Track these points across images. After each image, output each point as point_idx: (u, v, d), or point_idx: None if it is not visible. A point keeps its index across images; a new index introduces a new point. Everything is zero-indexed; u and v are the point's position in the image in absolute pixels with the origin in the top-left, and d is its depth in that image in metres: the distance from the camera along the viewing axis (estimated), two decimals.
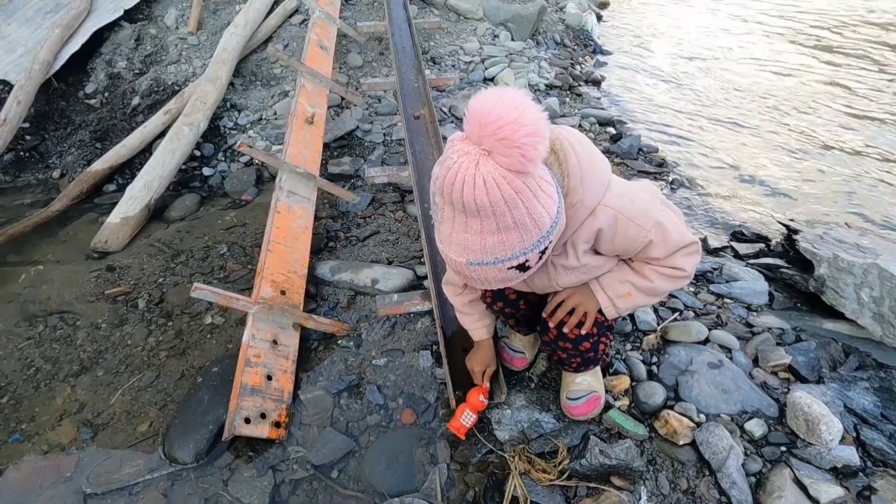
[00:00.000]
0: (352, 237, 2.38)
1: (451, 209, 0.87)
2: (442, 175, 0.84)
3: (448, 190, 0.84)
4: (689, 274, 1.17)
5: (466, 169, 0.81)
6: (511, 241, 0.88)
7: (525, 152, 0.80)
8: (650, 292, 1.21)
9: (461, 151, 0.82)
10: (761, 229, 2.56)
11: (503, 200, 0.83)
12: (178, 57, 3.62)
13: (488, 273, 0.93)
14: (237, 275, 2.21)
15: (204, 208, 2.73)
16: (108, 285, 2.15)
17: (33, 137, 3.29)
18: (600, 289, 1.25)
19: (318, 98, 2.79)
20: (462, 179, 0.81)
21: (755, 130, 3.85)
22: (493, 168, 0.81)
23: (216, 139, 3.17)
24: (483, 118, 0.79)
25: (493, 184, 0.81)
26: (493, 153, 0.81)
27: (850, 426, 1.47)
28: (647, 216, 1.08)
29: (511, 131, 0.78)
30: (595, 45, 5.30)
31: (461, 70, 3.77)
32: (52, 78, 3.41)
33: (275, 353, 1.67)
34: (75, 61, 3.53)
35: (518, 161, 0.80)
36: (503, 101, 0.79)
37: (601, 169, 1.05)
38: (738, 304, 1.95)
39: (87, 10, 3.73)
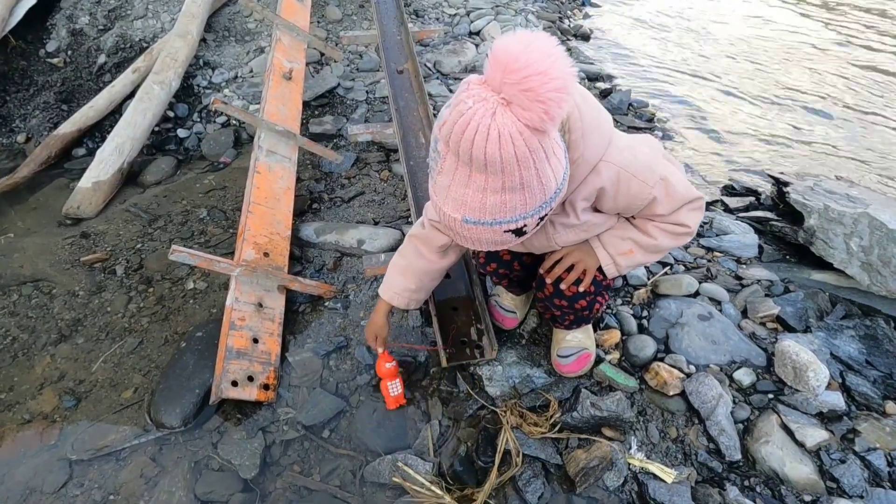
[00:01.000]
0: (336, 198, 2.31)
1: (454, 159, 0.80)
2: (452, 120, 0.76)
3: (457, 138, 0.76)
4: (692, 230, 1.14)
5: (482, 117, 0.73)
6: (513, 202, 0.82)
7: (549, 108, 0.72)
8: (653, 249, 1.17)
9: (478, 97, 0.74)
10: (752, 183, 2.54)
11: (515, 158, 0.76)
12: (144, 11, 3.40)
13: (482, 233, 0.87)
14: (218, 239, 2.14)
15: (181, 172, 2.62)
16: (83, 252, 2.07)
17: None
18: (601, 246, 1.21)
19: (295, 53, 2.65)
20: (475, 128, 0.73)
21: (744, 85, 3.78)
22: (511, 121, 0.73)
23: (190, 99, 3.02)
24: (509, 63, 0.71)
25: (509, 138, 0.73)
26: (513, 104, 0.73)
27: (836, 373, 1.50)
28: (651, 171, 1.03)
29: (538, 83, 0.70)
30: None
31: (445, 23, 3.61)
32: (9, 35, 3.19)
33: (260, 316, 1.63)
34: (33, 17, 3.30)
35: (539, 117, 0.73)
36: (533, 48, 0.71)
37: (604, 123, 1.00)
38: (727, 257, 1.95)
39: None
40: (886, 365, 1.52)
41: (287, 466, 1.38)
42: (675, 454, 1.35)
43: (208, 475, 1.35)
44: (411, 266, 1.36)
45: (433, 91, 2.96)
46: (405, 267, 1.37)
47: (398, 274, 1.38)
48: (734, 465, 1.31)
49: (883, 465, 1.27)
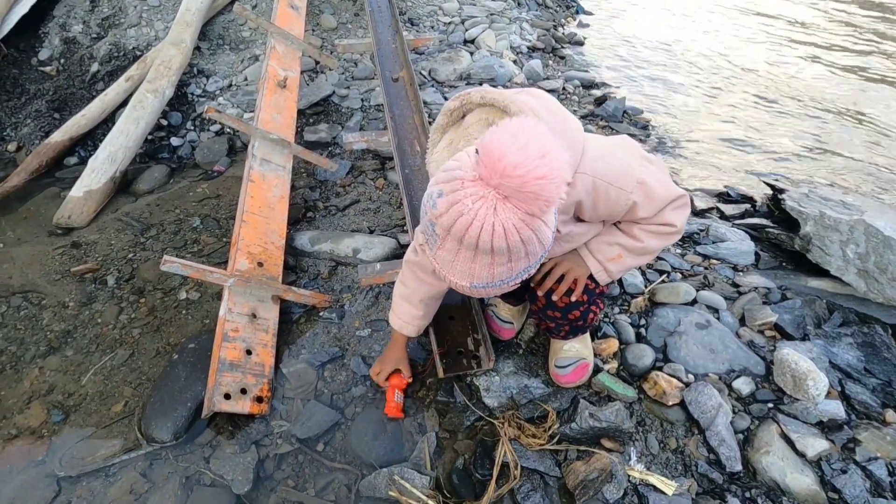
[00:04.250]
0: (331, 206, 2.30)
1: (456, 244, 0.82)
2: (451, 217, 0.78)
3: (459, 233, 0.79)
4: (679, 229, 1.13)
5: (485, 216, 0.76)
6: (519, 267, 0.86)
7: (550, 202, 0.76)
8: (641, 252, 1.17)
9: (475, 196, 0.76)
10: (747, 190, 2.55)
11: (521, 242, 0.80)
12: (138, 20, 3.39)
13: (491, 291, 0.91)
14: (212, 248, 2.11)
15: (174, 180, 2.60)
16: (74, 262, 2.04)
17: None
18: (589, 254, 1.20)
19: (290, 61, 2.65)
20: (479, 226, 0.76)
21: (739, 91, 3.81)
22: (512, 214, 0.76)
23: (184, 107, 3.01)
24: (505, 168, 0.73)
25: (514, 230, 0.77)
26: (511, 198, 0.76)
27: (835, 381, 1.49)
28: (627, 176, 1.03)
29: (539, 187, 0.74)
30: (577, 6, 5.15)
31: (440, 31, 3.62)
32: (0, 44, 3.17)
33: (254, 327, 1.60)
34: (26, 25, 3.28)
35: (540, 209, 0.77)
36: (527, 151, 0.73)
37: (573, 133, 1.00)
38: (724, 264, 1.94)
39: None
40: (885, 373, 1.51)
41: (281, 481, 1.35)
42: (675, 465, 1.33)
43: (200, 491, 1.32)
44: (416, 292, 1.37)
45: (428, 99, 2.96)
46: (410, 294, 1.38)
47: (404, 302, 1.40)
48: (735, 476, 1.29)
49: (884, 475, 1.26)
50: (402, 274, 1.39)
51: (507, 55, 3.50)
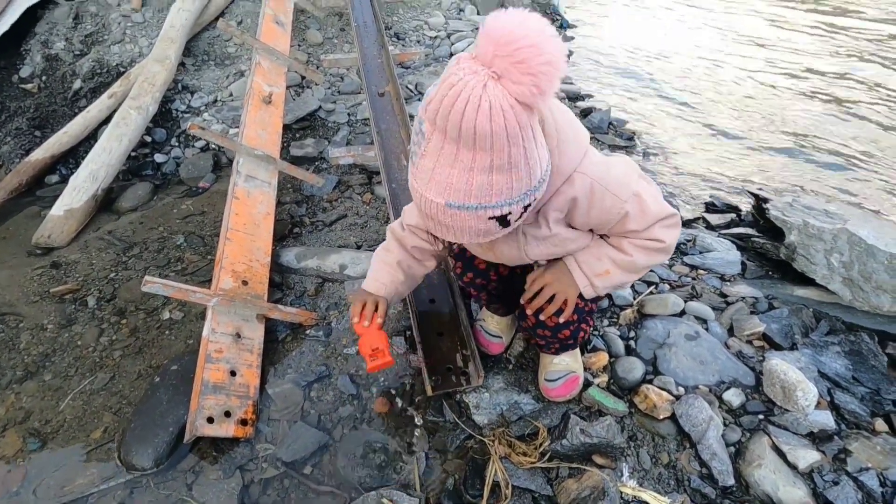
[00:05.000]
0: (318, 222, 2.28)
1: (440, 137, 0.76)
2: (440, 95, 0.73)
3: (445, 111, 0.73)
4: (668, 246, 1.12)
5: (472, 89, 0.71)
6: (500, 184, 0.78)
7: (539, 82, 0.71)
8: (629, 267, 1.16)
9: (469, 70, 0.72)
10: (732, 199, 2.57)
11: (506, 132, 0.73)
12: (121, 36, 3.38)
13: (466, 220, 0.83)
14: (196, 266, 2.08)
15: (157, 197, 2.57)
16: (53, 283, 1.99)
17: None
18: (577, 267, 1.18)
19: (275, 76, 2.64)
20: (465, 99, 0.71)
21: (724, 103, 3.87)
22: (502, 94, 0.71)
23: (168, 123, 2.98)
24: (501, 37, 0.70)
25: (500, 111, 0.71)
26: (503, 78, 0.71)
27: (825, 391, 1.49)
28: (625, 186, 1.02)
29: (529, 54, 0.69)
30: (562, 20, 5.23)
31: (426, 45, 3.64)
32: None
33: (238, 347, 1.57)
34: (7, 43, 3.24)
35: (529, 90, 0.71)
36: (526, 25, 0.71)
37: (579, 134, 0.99)
38: (711, 274, 1.95)
39: None
40: (873, 381, 1.52)
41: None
42: (667, 480, 1.31)
43: None
44: (398, 257, 1.32)
45: (415, 112, 2.95)
46: (391, 259, 1.33)
47: (384, 265, 1.33)
48: (728, 491, 1.28)
49: (876, 486, 1.25)
50: (386, 242, 1.36)
51: None
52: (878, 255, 1.65)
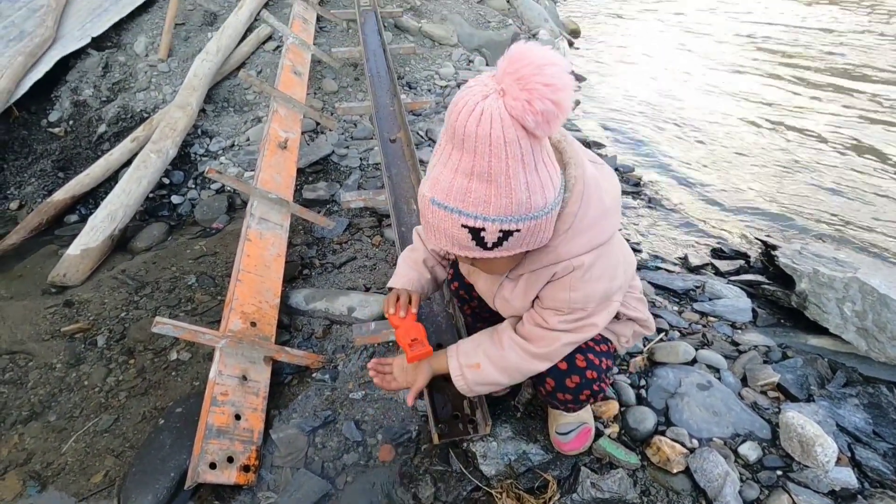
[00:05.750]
0: (327, 264, 2.30)
1: (445, 137, 0.81)
2: (454, 98, 0.79)
3: (448, 111, 0.79)
4: (542, 353, 1.09)
5: (473, 95, 0.76)
6: (477, 192, 0.80)
7: (532, 99, 0.73)
8: (500, 363, 1.13)
9: (481, 82, 0.78)
10: (740, 246, 2.57)
11: (489, 140, 0.75)
12: (147, 84, 3.55)
13: (443, 221, 0.84)
14: (206, 307, 2.10)
15: (172, 238, 2.62)
16: (65, 322, 2.01)
17: None
18: (455, 352, 1.18)
19: (291, 123, 2.74)
20: (464, 103, 0.76)
21: (728, 149, 3.93)
22: (498, 106, 0.75)
23: (186, 166, 3.08)
24: (513, 57, 0.75)
25: (489, 118, 0.75)
26: (507, 94, 0.75)
27: (845, 446, 1.43)
28: (591, 299, 1.02)
29: (529, 72, 0.73)
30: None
31: (437, 94, 3.78)
32: (12, 106, 3.29)
33: (244, 390, 1.56)
34: (39, 90, 3.42)
35: (522, 106, 0.73)
36: (538, 51, 0.75)
37: (601, 231, 0.96)
38: (722, 321, 1.92)
39: (53, 38, 3.64)
40: (894, 436, 1.47)
41: None
42: None
43: None
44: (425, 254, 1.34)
45: (425, 158, 3.03)
46: (417, 257, 1.34)
47: (411, 263, 1.34)
48: None
49: None
50: (413, 243, 1.38)
51: None
52: (892, 306, 1.63)
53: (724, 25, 7.56)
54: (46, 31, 3.62)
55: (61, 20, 3.77)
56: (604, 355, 1.22)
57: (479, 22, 4.73)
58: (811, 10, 7.37)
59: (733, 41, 6.70)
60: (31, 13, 3.87)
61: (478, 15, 4.81)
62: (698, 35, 7.17)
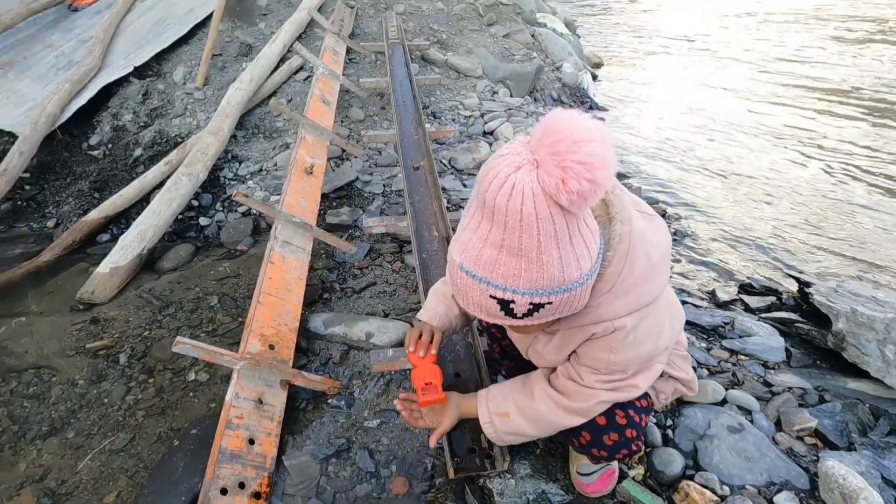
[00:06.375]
0: (347, 288, 2.30)
1: (475, 205, 0.79)
2: (485, 164, 0.77)
3: (479, 179, 0.76)
4: (578, 409, 1.03)
5: (506, 166, 0.73)
6: (507, 266, 0.77)
7: (566, 178, 0.70)
8: (531, 416, 1.08)
9: (514, 151, 0.74)
10: (770, 282, 2.49)
11: (520, 216, 0.72)
12: (183, 110, 3.70)
13: (470, 289, 0.82)
14: (226, 328, 2.11)
15: (198, 258, 2.67)
16: (90, 338, 2.05)
17: (32, 187, 3.29)
18: (485, 398, 1.13)
19: (318, 149, 2.80)
20: (495, 174, 0.73)
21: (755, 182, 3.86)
22: (530, 179, 0.72)
23: (215, 189, 3.17)
24: (549, 127, 0.71)
25: (520, 193, 0.71)
26: (540, 167, 0.72)
27: (891, 500, 1.33)
28: (633, 362, 0.97)
29: (565, 149, 0.69)
30: (591, 102, 5.45)
31: (461, 124, 3.83)
32: (57, 130, 3.46)
33: (259, 414, 1.54)
34: (82, 115, 3.60)
35: (556, 184, 0.70)
36: (577, 121, 0.71)
37: (646, 291, 0.91)
38: (753, 360, 1.84)
39: (98, 67, 3.85)
40: None
41: None
42: None
43: None
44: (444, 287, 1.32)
45: (447, 185, 3.06)
46: (449, 292, 1.30)
47: (440, 297, 1.30)
48: None
49: None
50: (445, 276, 1.34)
51: None
52: None
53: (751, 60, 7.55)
54: (93, 60, 3.83)
55: (107, 51, 3.99)
56: (643, 412, 1.15)
57: (503, 55, 4.82)
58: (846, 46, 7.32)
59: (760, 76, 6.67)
60: (80, 44, 4.11)
61: (503, 48, 4.91)
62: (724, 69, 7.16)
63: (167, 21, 4.27)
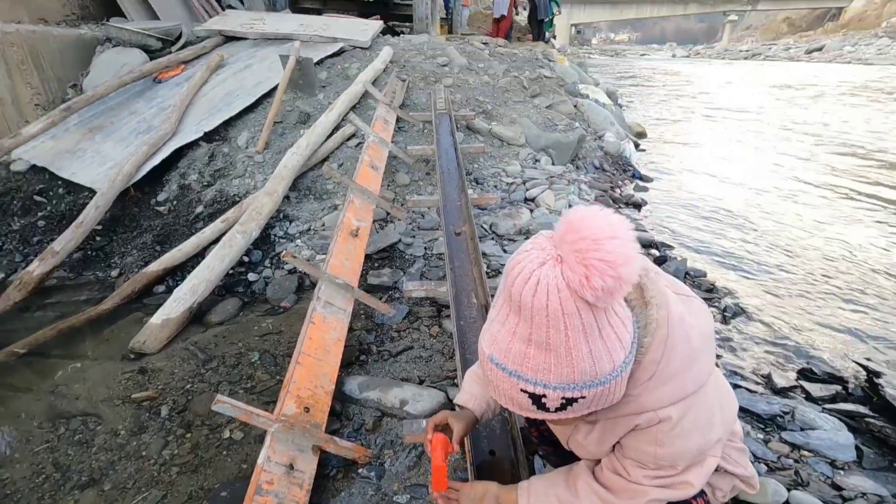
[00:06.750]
0: (384, 351, 2.30)
1: (503, 297, 0.80)
2: (511, 258, 0.79)
3: (506, 274, 0.78)
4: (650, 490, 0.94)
5: (530, 262, 0.75)
6: (536, 360, 0.76)
7: (590, 275, 0.71)
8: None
9: (538, 246, 0.76)
10: (833, 368, 2.30)
11: (546, 312, 0.73)
12: (243, 172, 3.97)
13: (502, 381, 0.81)
14: (264, 385, 2.14)
15: (243, 313, 2.76)
16: (136, 388, 2.12)
17: (103, 238, 3.56)
18: (526, 491, 1.07)
19: (364, 212, 2.92)
20: (521, 269, 0.75)
21: (811, 254, 3.68)
22: (555, 275, 0.73)
23: (265, 246, 3.32)
24: (571, 224, 0.73)
25: (545, 289, 0.72)
26: (564, 262, 0.73)
27: None
28: (684, 457, 0.90)
29: (588, 247, 0.71)
30: (634, 171, 5.47)
31: (503, 190, 3.92)
32: (130, 187, 3.78)
33: (289, 480, 1.52)
34: (154, 174, 3.93)
35: (580, 281, 0.71)
36: (597, 220, 0.73)
37: (690, 378, 0.86)
38: (818, 458, 1.68)
39: (173, 132, 4.24)
40: None
41: None
42: None
43: None
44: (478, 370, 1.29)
45: (488, 251, 3.09)
46: (476, 371, 1.29)
47: (477, 378, 1.27)
48: None
49: None
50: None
51: None
52: None
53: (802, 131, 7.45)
54: (169, 126, 4.22)
55: (182, 118, 4.40)
56: None
57: (546, 125, 4.98)
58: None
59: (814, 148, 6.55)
60: (160, 111, 4.57)
61: (545, 118, 5.08)
62: (774, 139, 7.09)
63: (237, 92, 4.70)
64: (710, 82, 17.18)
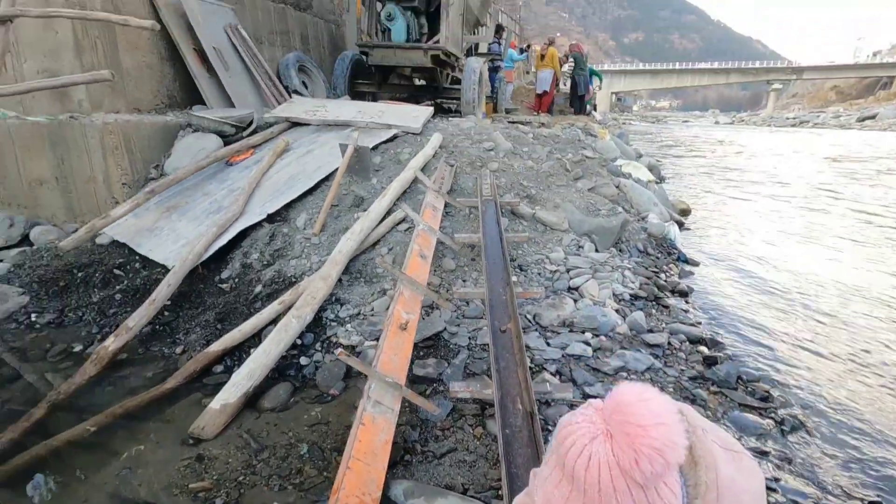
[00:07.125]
0: (428, 452, 2.33)
1: (554, 459, 0.83)
2: (562, 427, 0.83)
3: (557, 444, 0.82)
4: None
5: (581, 436, 0.79)
6: None
7: (640, 460, 0.75)
8: None
9: (588, 419, 0.81)
10: None
11: (598, 486, 0.77)
12: (300, 253, 4.24)
13: None
14: (311, 482, 2.20)
15: (293, 399, 2.87)
16: (193, 477, 2.22)
17: (170, 314, 3.84)
18: None
19: (413, 304, 3.05)
20: (573, 441, 0.79)
21: (883, 362, 3.48)
22: (605, 451, 0.77)
23: (317, 329, 3.48)
24: (620, 404, 0.79)
25: (597, 464, 0.77)
26: (614, 440, 0.78)
27: None
28: None
29: (636, 433, 0.76)
30: (679, 254, 5.43)
31: (546, 278, 3.98)
32: (198, 265, 4.10)
33: None
34: (220, 252, 4.25)
35: (629, 463, 0.76)
36: (646, 404, 0.78)
37: None
38: None
39: (240, 213, 4.61)
40: None
41: None
42: None
43: None
44: None
45: (531, 344, 3.12)
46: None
47: None
48: None
49: None
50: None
51: (609, 304, 3.69)
52: None
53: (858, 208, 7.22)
54: (237, 207, 4.61)
55: (249, 199, 4.80)
56: None
57: (589, 209, 5.09)
58: None
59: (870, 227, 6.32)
60: (229, 193, 5.00)
61: (588, 203, 5.19)
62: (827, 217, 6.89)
63: (299, 176, 5.11)
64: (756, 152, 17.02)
